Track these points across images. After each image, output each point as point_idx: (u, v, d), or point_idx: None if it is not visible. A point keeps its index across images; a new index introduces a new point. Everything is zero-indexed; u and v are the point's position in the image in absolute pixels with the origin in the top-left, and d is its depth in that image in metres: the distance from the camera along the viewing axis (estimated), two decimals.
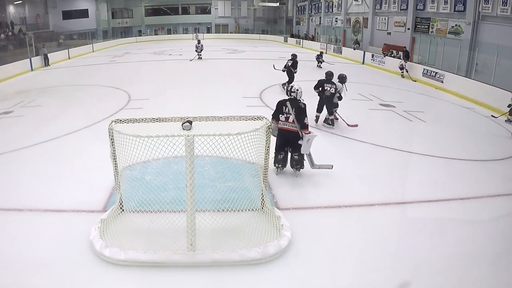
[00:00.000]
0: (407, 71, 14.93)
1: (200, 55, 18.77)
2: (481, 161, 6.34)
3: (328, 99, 7.53)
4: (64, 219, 4.20)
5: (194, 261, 3.45)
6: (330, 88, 7.48)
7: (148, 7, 38.15)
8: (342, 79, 7.70)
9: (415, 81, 14.25)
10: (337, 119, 7.88)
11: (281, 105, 5.23)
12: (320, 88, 7.52)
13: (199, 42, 19.47)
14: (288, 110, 5.12)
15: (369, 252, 3.73)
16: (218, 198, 4.04)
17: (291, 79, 10.80)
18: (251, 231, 3.78)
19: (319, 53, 17.63)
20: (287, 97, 5.29)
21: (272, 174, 5.17)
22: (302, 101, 5.26)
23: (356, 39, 23.19)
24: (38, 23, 29.04)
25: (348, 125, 7.61)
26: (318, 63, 16.80)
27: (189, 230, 3.47)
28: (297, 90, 5.21)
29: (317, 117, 7.80)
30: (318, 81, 7.69)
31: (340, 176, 5.52)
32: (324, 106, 7.64)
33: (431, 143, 7.03)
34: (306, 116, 5.17)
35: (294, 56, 11.36)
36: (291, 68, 11.00)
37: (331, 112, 7.66)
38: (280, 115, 5.20)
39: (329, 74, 7.73)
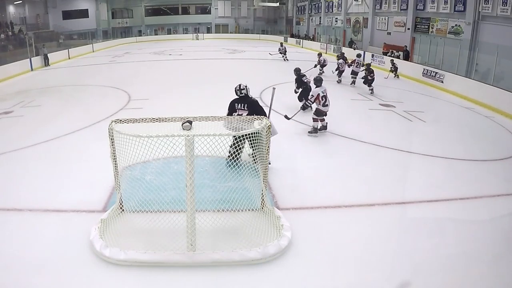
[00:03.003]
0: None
1: (285, 56, 18.50)
2: (481, 161, 6.34)
3: (308, 91, 8.20)
4: (64, 219, 4.20)
5: (194, 261, 3.45)
6: (307, 79, 8.85)
7: (148, 7, 38.14)
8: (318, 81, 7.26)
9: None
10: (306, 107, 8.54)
11: (233, 103, 5.37)
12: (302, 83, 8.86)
13: (281, 44, 19.27)
14: (241, 107, 5.27)
15: (369, 252, 3.73)
16: (218, 198, 4.04)
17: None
18: (251, 231, 3.78)
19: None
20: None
21: (272, 174, 5.16)
22: (252, 97, 5.43)
23: (351, 39, 23.14)
24: (38, 23, 29.03)
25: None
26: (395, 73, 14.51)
27: (189, 230, 3.47)
28: (246, 87, 5.36)
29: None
30: (295, 79, 9.19)
31: (340, 176, 5.53)
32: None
33: (431, 143, 7.03)
34: (261, 108, 5.34)
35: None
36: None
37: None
38: (234, 113, 5.32)
39: (297, 70, 9.22)
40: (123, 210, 4.09)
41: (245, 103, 5.27)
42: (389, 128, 8.06)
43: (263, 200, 4.22)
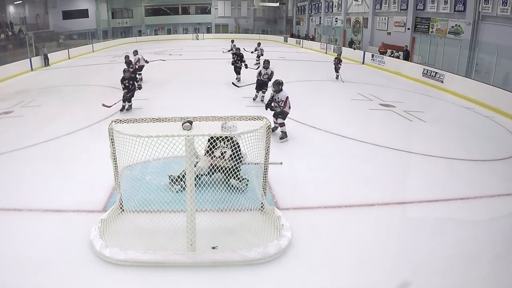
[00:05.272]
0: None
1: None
2: (481, 161, 6.34)
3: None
4: (64, 219, 4.20)
5: (194, 261, 3.45)
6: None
7: (148, 7, 38.14)
8: None
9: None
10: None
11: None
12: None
13: (232, 41, 18.28)
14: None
15: (369, 252, 3.73)
16: (218, 198, 4.04)
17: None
18: (251, 231, 3.78)
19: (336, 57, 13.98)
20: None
21: (272, 174, 5.15)
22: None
23: (351, 39, 23.14)
24: (38, 23, 29.02)
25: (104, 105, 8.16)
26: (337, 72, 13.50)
27: (189, 230, 3.47)
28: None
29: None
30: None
31: (340, 176, 5.52)
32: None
33: (431, 143, 7.03)
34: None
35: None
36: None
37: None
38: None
39: (126, 62, 9.95)
40: (123, 210, 4.09)
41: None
42: (389, 128, 8.06)
43: (263, 200, 4.22)
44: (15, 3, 27.27)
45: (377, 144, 6.82)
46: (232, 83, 9.91)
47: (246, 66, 12.16)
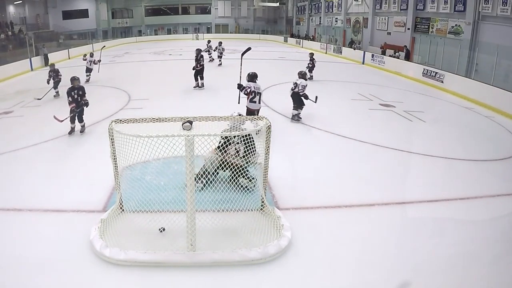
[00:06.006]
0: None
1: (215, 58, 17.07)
2: (481, 161, 6.34)
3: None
4: (64, 219, 4.20)
5: (194, 261, 3.45)
6: None
7: (148, 7, 38.15)
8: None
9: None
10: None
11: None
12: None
13: (209, 42, 18.12)
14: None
15: (369, 252, 3.73)
16: (218, 198, 4.04)
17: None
18: (251, 231, 3.78)
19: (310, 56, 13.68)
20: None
21: (272, 174, 5.15)
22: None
23: (351, 39, 23.15)
24: (38, 23, 29.03)
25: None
26: (309, 71, 13.04)
27: (189, 230, 3.47)
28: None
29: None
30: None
31: (340, 176, 5.52)
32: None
33: (431, 143, 7.03)
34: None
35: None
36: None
37: None
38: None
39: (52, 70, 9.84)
40: (123, 210, 4.10)
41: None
42: (389, 128, 8.06)
43: (263, 200, 4.22)
44: (15, 3, 27.27)
45: (377, 144, 6.82)
46: (310, 99, 7.77)
47: (198, 66, 11.55)
